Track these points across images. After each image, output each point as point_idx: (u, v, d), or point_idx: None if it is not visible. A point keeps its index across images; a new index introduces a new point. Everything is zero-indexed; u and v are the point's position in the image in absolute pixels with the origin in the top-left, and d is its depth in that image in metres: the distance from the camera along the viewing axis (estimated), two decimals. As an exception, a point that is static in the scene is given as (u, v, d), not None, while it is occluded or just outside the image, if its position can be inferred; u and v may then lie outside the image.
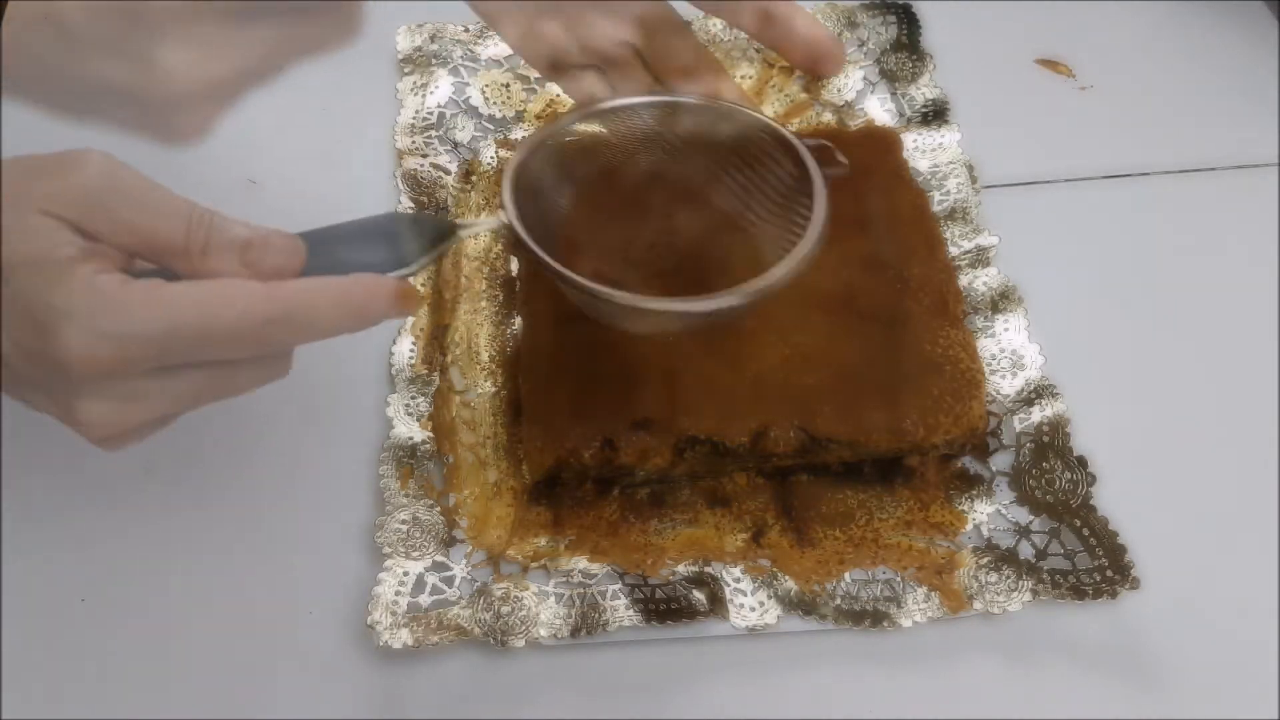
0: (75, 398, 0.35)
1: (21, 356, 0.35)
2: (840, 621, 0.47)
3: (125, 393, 0.35)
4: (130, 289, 0.34)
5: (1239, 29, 0.69)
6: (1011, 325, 0.55)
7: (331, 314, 0.36)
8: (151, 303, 0.34)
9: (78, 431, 0.36)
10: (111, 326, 0.34)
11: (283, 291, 0.36)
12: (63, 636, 0.47)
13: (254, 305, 0.35)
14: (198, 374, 0.36)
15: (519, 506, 0.50)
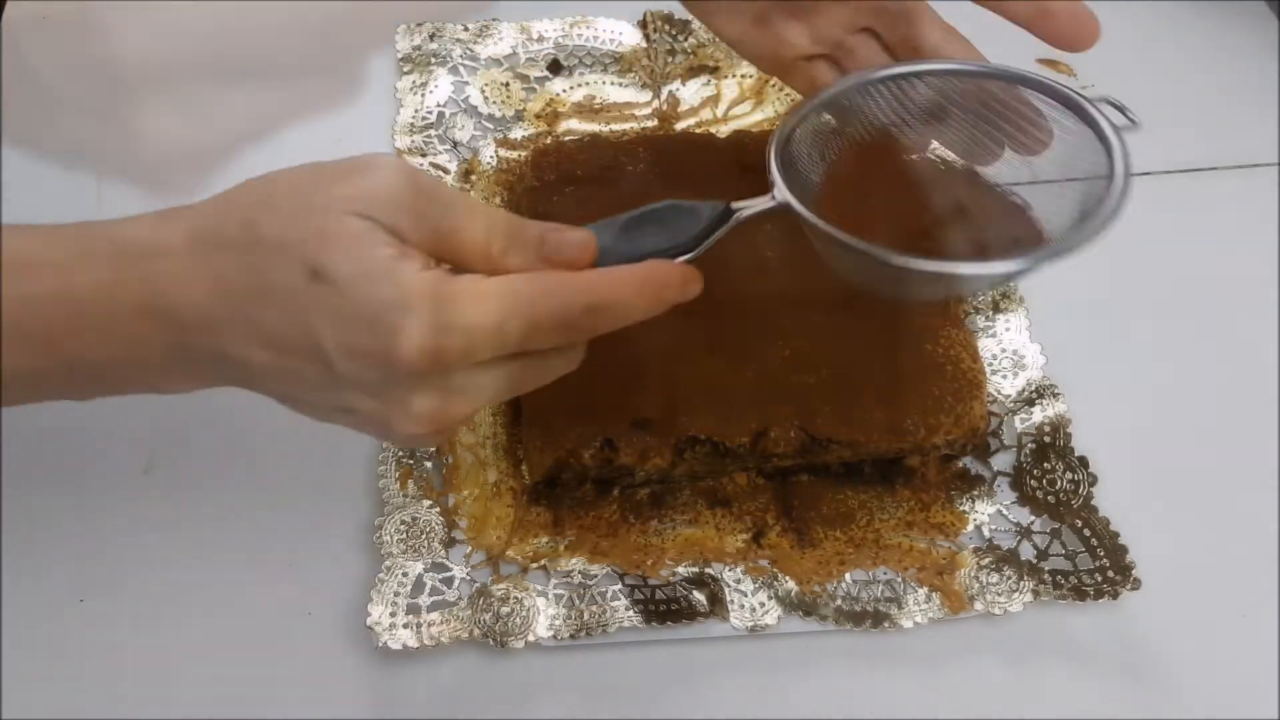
0: (409, 393, 0.35)
1: (349, 357, 0.34)
2: (841, 622, 0.47)
3: (452, 386, 0.36)
4: (457, 284, 0.35)
5: (1239, 29, 0.69)
6: (1013, 325, 0.55)
7: (637, 299, 0.37)
8: (483, 295, 0.35)
9: (397, 428, 0.36)
10: (451, 319, 0.34)
11: (596, 279, 0.37)
12: (62, 637, 0.47)
13: (576, 294, 0.36)
14: (512, 366, 0.37)
15: (519, 507, 0.50)
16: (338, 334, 0.34)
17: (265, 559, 0.49)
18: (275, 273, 0.34)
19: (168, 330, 0.36)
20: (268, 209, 0.35)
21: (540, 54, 0.66)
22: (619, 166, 0.57)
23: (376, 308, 0.34)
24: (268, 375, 0.36)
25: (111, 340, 0.36)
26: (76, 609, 0.48)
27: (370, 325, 0.34)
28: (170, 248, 0.36)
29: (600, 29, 0.67)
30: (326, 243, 0.34)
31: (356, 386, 0.36)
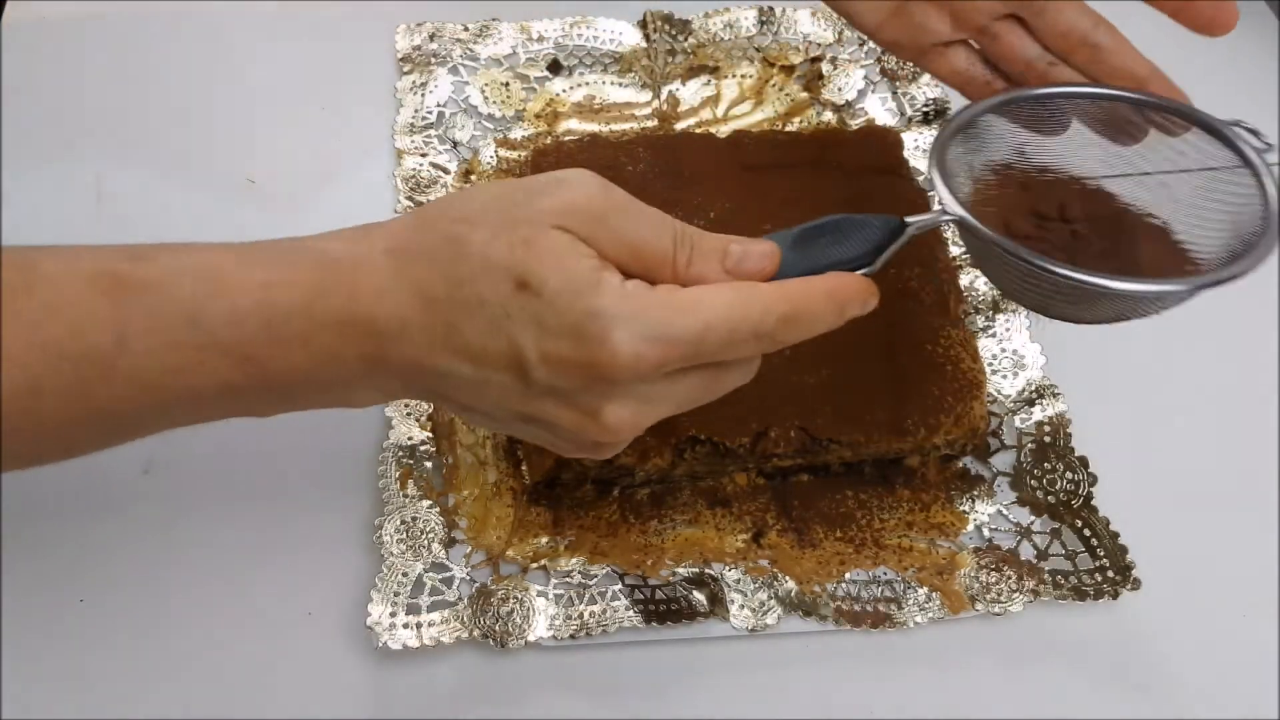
0: (606, 401, 0.36)
1: (549, 365, 0.35)
2: (841, 622, 0.47)
3: (644, 395, 0.37)
4: (657, 294, 0.36)
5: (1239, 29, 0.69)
6: (1013, 325, 0.55)
7: (824, 311, 0.38)
8: (685, 305, 0.36)
9: (584, 435, 0.37)
10: (656, 330, 0.35)
11: (790, 290, 0.37)
12: (62, 637, 0.47)
13: (773, 304, 0.37)
14: (700, 376, 0.38)
15: (518, 507, 0.50)
16: (541, 343, 0.35)
17: (265, 559, 0.49)
18: (480, 284, 0.35)
19: (365, 342, 0.36)
20: (469, 223, 0.36)
21: (540, 54, 0.66)
22: (619, 167, 0.57)
23: (583, 317, 0.35)
24: (460, 385, 0.37)
25: (309, 353, 0.36)
26: (76, 609, 0.48)
27: (576, 334, 0.35)
28: (370, 261, 0.36)
29: (600, 29, 0.67)
30: (532, 254, 0.35)
31: (550, 396, 0.36)
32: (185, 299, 0.35)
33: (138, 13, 0.69)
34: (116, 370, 0.35)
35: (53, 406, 0.35)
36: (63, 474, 0.51)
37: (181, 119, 0.64)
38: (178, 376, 0.36)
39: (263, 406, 0.39)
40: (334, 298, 0.36)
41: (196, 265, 0.36)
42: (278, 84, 0.66)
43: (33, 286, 0.35)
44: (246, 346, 0.36)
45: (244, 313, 0.36)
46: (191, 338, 0.35)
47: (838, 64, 0.66)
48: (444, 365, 0.37)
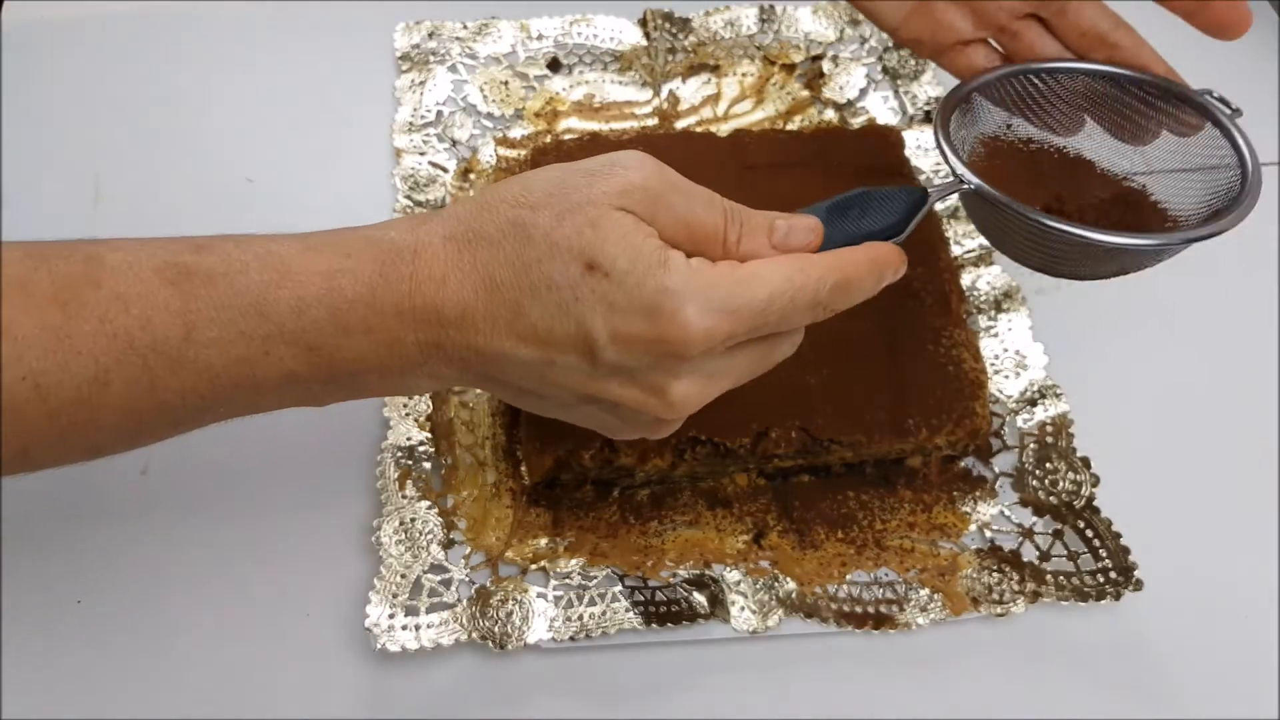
0: (673, 378, 0.37)
1: (618, 344, 0.36)
2: (842, 624, 0.46)
3: (709, 370, 0.38)
4: (721, 269, 0.37)
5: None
6: (1015, 325, 0.55)
7: (867, 278, 0.39)
8: (749, 278, 0.37)
9: (649, 412, 0.38)
10: (726, 302, 0.36)
11: (839, 259, 0.39)
12: (60, 638, 0.47)
13: (827, 272, 0.38)
14: (756, 348, 0.39)
15: (518, 508, 0.50)
16: (612, 323, 0.36)
17: (263, 560, 0.49)
18: (548, 267, 0.36)
19: (426, 328, 0.37)
20: (531, 208, 0.37)
21: (540, 52, 0.66)
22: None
23: (654, 295, 0.36)
24: (521, 368, 0.38)
25: (371, 341, 0.37)
26: (74, 610, 0.48)
27: (649, 312, 0.36)
28: (430, 248, 0.37)
29: (600, 27, 0.67)
30: (599, 236, 0.36)
31: (617, 375, 0.37)
32: (251, 289, 0.36)
33: (138, 13, 0.68)
34: (184, 361, 0.36)
35: (120, 398, 0.36)
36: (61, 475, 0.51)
37: (180, 119, 0.64)
38: (243, 366, 0.37)
39: (322, 395, 0.40)
40: (396, 285, 0.37)
41: (260, 255, 0.37)
42: (276, 83, 0.66)
43: (99, 279, 0.35)
44: (311, 335, 0.37)
45: (309, 302, 0.36)
46: (258, 328, 0.36)
47: (839, 62, 0.66)
48: (508, 349, 0.37)
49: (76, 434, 0.36)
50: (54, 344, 0.35)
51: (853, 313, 0.51)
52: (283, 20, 0.68)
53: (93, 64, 0.66)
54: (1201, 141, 0.47)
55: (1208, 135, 0.47)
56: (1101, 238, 0.42)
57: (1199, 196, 0.46)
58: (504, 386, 0.40)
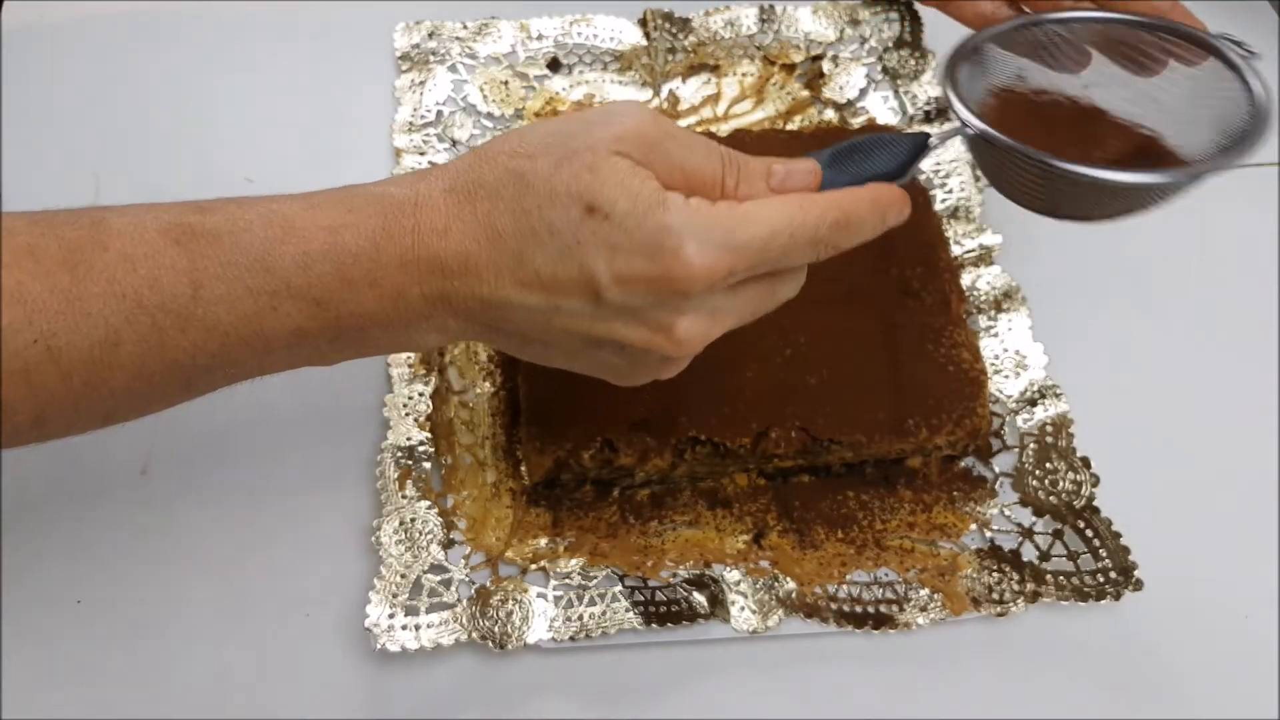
0: (678, 315, 0.38)
1: (622, 284, 0.37)
2: (842, 624, 0.46)
3: (713, 307, 0.38)
4: (720, 207, 0.37)
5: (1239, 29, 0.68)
6: (1015, 325, 0.55)
7: (869, 216, 0.40)
8: (749, 215, 0.37)
9: (657, 350, 0.39)
10: (726, 239, 0.37)
11: (839, 197, 0.39)
12: (60, 637, 0.47)
13: (827, 209, 0.39)
14: (757, 286, 0.40)
15: (518, 508, 0.50)
16: (614, 264, 0.37)
17: (263, 560, 0.49)
18: (548, 213, 0.37)
19: (430, 279, 0.38)
20: (529, 157, 0.38)
21: (540, 52, 0.66)
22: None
23: (655, 233, 0.36)
24: (526, 316, 0.38)
25: (377, 295, 0.38)
26: (74, 610, 0.48)
27: (650, 251, 0.36)
28: (432, 200, 0.38)
29: (600, 27, 0.67)
30: (598, 179, 0.36)
31: (622, 316, 0.38)
32: (256, 246, 0.37)
33: (138, 13, 0.68)
34: (193, 319, 0.36)
35: (130, 358, 0.36)
36: (61, 474, 0.51)
37: (180, 119, 0.64)
38: (251, 323, 0.37)
39: (330, 352, 0.40)
40: (399, 238, 0.37)
41: (264, 213, 0.37)
42: (276, 82, 0.65)
43: (105, 242, 0.36)
44: (317, 290, 0.37)
45: (314, 257, 0.37)
46: (265, 284, 0.37)
47: (839, 62, 0.65)
48: (512, 297, 0.38)
49: (90, 396, 0.37)
50: (64, 306, 0.35)
51: (853, 312, 0.52)
52: (283, 20, 0.68)
53: (93, 64, 0.66)
54: (1215, 87, 0.46)
55: (1222, 80, 0.46)
56: (1104, 175, 0.42)
57: (1211, 140, 0.45)
58: (509, 337, 0.40)
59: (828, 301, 0.52)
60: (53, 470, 0.51)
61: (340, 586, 0.48)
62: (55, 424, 0.38)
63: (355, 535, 0.49)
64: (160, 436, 0.52)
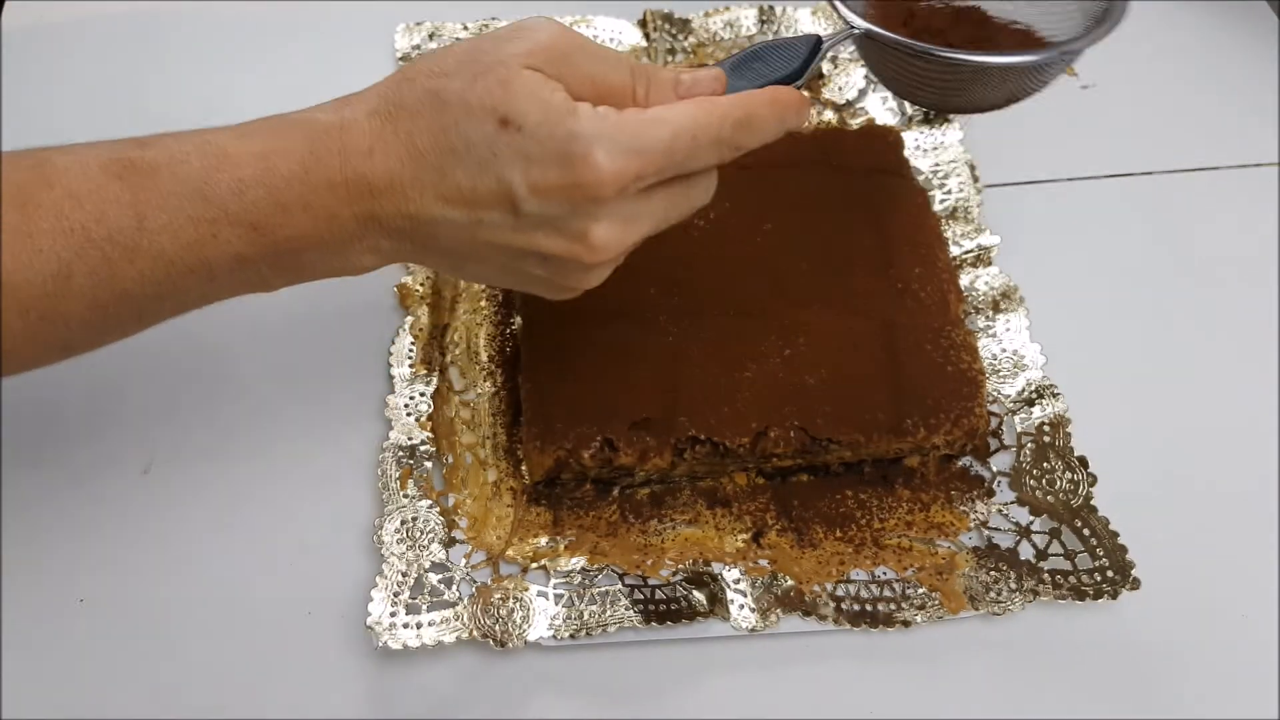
0: (593, 221, 0.39)
1: (538, 194, 0.38)
2: (840, 622, 0.47)
3: (626, 213, 0.40)
4: (627, 113, 0.39)
5: (1239, 29, 0.69)
6: (1013, 325, 0.55)
7: (769, 117, 0.41)
8: (652, 120, 0.39)
9: (578, 258, 0.40)
10: (632, 142, 0.38)
11: (740, 99, 0.41)
12: (62, 637, 0.47)
13: (729, 110, 0.40)
14: (669, 191, 0.41)
15: (518, 507, 0.50)
16: (529, 174, 0.38)
17: (265, 559, 0.49)
18: (464, 128, 0.38)
19: (359, 200, 0.39)
20: (445, 76, 0.39)
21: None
22: None
23: (565, 142, 0.37)
24: (452, 232, 0.40)
25: (310, 217, 0.39)
26: (75, 609, 0.48)
27: (561, 160, 0.38)
28: (356, 123, 0.39)
29: (600, 28, 0.67)
30: (510, 93, 0.38)
31: (541, 226, 0.39)
32: (194, 176, 0.38)
33: (138, 13, 0.69)
34: (139, 250, 0.38)
35: (83, 290, 0.38)
36: (64, 473, 0.51)
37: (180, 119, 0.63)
38: (194, 251, 0.39)
39: (271, 277, 0.41)
40: (327, 160, 0.39)
41: (199, 145, 0.39)
42: (277, 83, 0.65)
43: (51, 180, 0.37)
44: (253, 215, 0.39)
45: (248, 183, 0.38)
46: (204, 211, 0.38)
47: (838, 63, 0.66)
48: (437, 213, 0.39)
49: (47, 330, 0.38)
50: (16, 244, 0.37)
51: (852, 312, 0.52)
52: (283, 21, 0.68)
53: (93, 64, 0.66)
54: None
55: None
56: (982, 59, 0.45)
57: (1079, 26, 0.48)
58: (441, 255, 0.42)
59: (827, 302, 0.52)
60: (55, 469, 0.51)
61: (342, 585, 0.48)
62: (16, 359, 0.39)
63: (357, 534, 0.49)
64: (163, 436, 0.52)
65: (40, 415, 0.53)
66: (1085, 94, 0.66)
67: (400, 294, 0.56)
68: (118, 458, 0.52)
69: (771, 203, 0.56)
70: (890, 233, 0.55)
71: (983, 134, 0.62)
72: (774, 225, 0.55)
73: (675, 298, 0.52)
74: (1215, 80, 0.67)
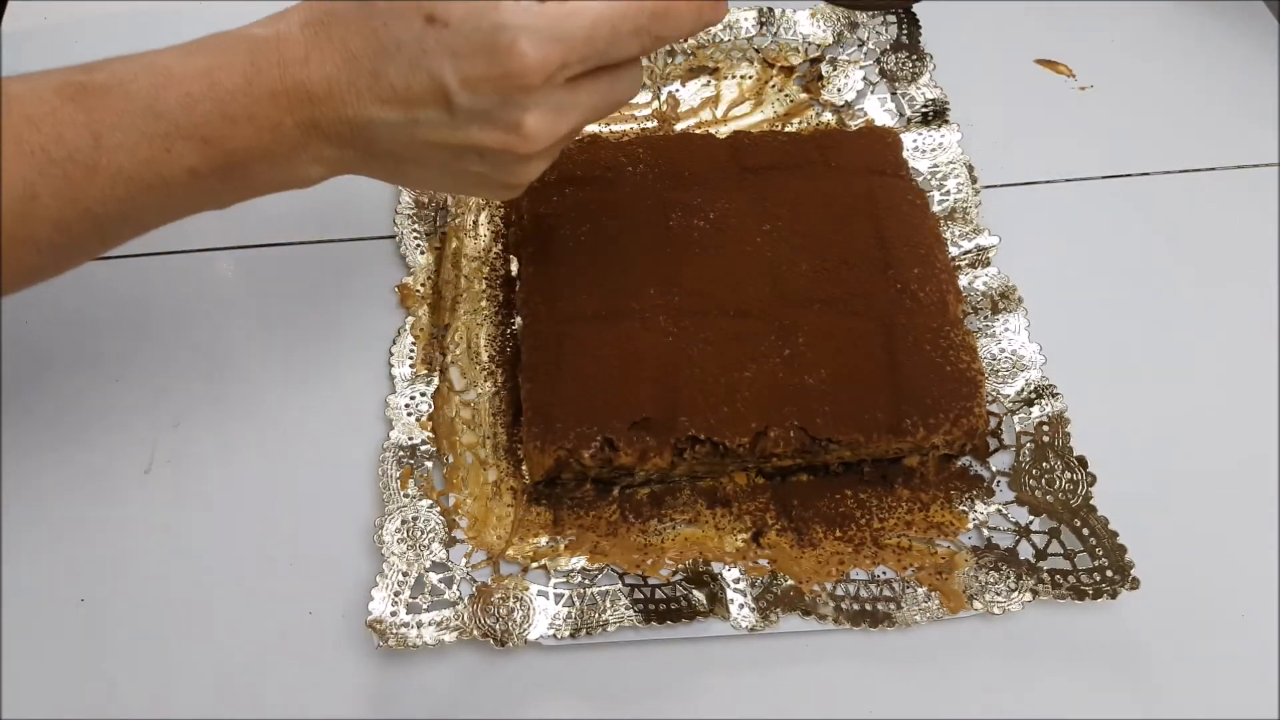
0: (524, 112, 0.40)
1: (469, 88, 0.39)
2: (840, 621, 0.47)
3: (556, 104, 0.40)
4: (549, 5, 0.39)
5: (1239, 29, 0.69)
6: (1011, 325, 0.55)
7: (685, 11, 0.41)
8: (573, 9, 0.39)
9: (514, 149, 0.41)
10: (555, 30, 0.39)
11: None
12: (62, 637, 0.47)
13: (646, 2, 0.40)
14: (595, 82, 0.41)
15: (519, 507, 0.50)
16: (459, 68, 0.39)
17: (266, 559, 0.49)
18: (393, 28, 0.39)
19: (300, 108, 0.40)
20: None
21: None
22: (619, 167, 0.58)
23: (491, 34, 0.38)
24: (392, 134, 0.41)
25: (256, 128, 0.40)
26: (76, 609, 0.48)
27: (488, 51, 0.38)
28: (291, 34, 0.41)
29: (600, 29, 0.67)
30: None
31: (475, 120, 0.40)
32: (144, 94, 0.40)
33: (138, 13, 0.69)
34: (98, 168, 0.39)
35: (47, 210, 0.39)
36: (65, 473, 0.51)
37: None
38: (151, 167, 0.40)
39: (223, 192, 0.43)
40: (267, 71, 0.40)
41: (146, 65, 0.40)
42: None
43: (8, 104, 0.39)
44: (203, 128, 0.40)
45: (196, 98, 0.40)
46: (156, 127, 0.40)
47: (837, 65, 0.66)
48: (375, 115, 0.40)
49: (18, 251, 0.40)
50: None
51: (851, 312, 0.52)
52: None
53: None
54: None
55: None
56: None
57: None
58: (385, 160, 0.43)
59: (827, 302, 0.52)
60: (56, 469, 0.52)
61: (343, 584, 0.48)
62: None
63: (358, 534, 0.49)
64: (164, 435, 0.52)
65: (40, 415, 0.53)
66: (1084, 95, 0.66)
67: (401, 294, 0.56)
68: (118, 458, 0.52)
69: (771, 203, 0.56)
70: (889, 233, 0.55)
71: (982, 135, 0.62)
72: (774, 225, 0.55)
73: (675, 298, 0.52)
74: (1214, 81, 0.67)
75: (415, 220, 0.59)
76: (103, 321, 0.56)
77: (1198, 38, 0.69)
